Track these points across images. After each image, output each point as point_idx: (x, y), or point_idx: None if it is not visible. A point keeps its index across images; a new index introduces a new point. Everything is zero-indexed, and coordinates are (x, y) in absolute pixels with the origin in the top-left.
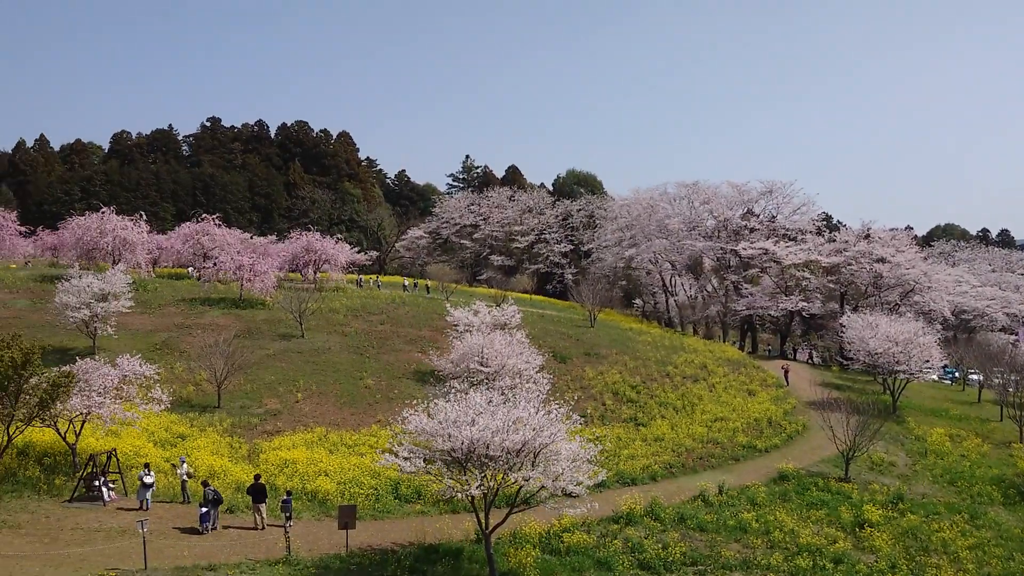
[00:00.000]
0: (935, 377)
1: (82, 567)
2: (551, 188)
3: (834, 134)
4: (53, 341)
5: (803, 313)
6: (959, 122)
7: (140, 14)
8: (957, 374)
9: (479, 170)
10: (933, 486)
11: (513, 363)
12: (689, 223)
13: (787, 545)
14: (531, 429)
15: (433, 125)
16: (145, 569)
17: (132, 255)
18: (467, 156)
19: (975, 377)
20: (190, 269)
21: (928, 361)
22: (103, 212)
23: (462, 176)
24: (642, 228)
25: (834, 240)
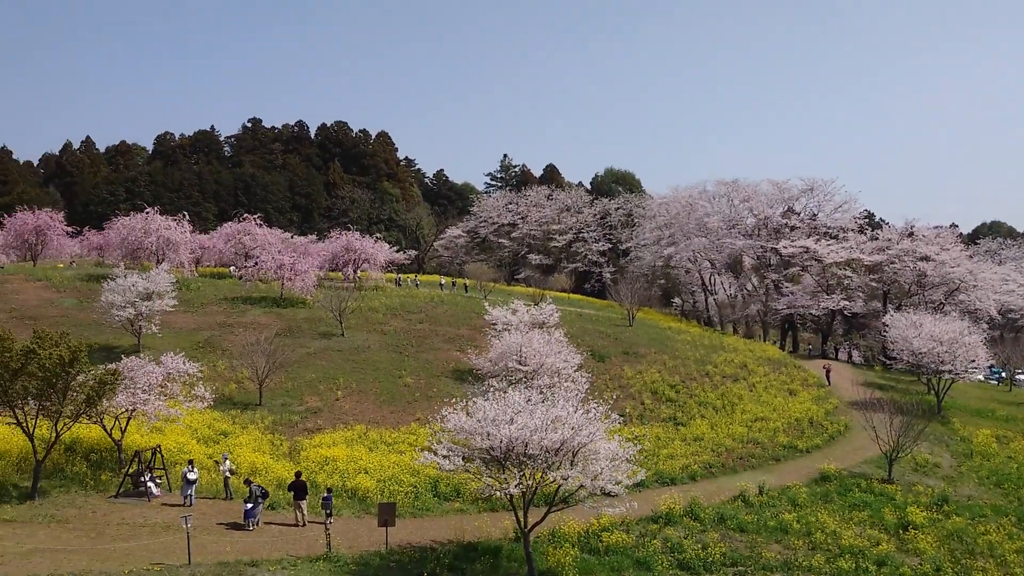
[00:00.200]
0: (981, 377)
1: (127, 561)
2: (589, 187)
3: (876, 131)
4: (99, 339)
5: (845, 312)
6: (1004, 117)
7: (183, 17)
8: (1004, 374)
9: (517, 169)
10: (979, 488)
11: (551, 362)
12: (729, 221)
13: (829, 547)
14: (570, 428)
15: (471, 124)
16: (189, 564)
17: (175, 255)
18: (505, 155)
19: (1023, 377)
20: (232, 268)
21: (974, 361)
22: (147, 212)
23: (500, 175)
24: (681, 226)
25: (876, 238)
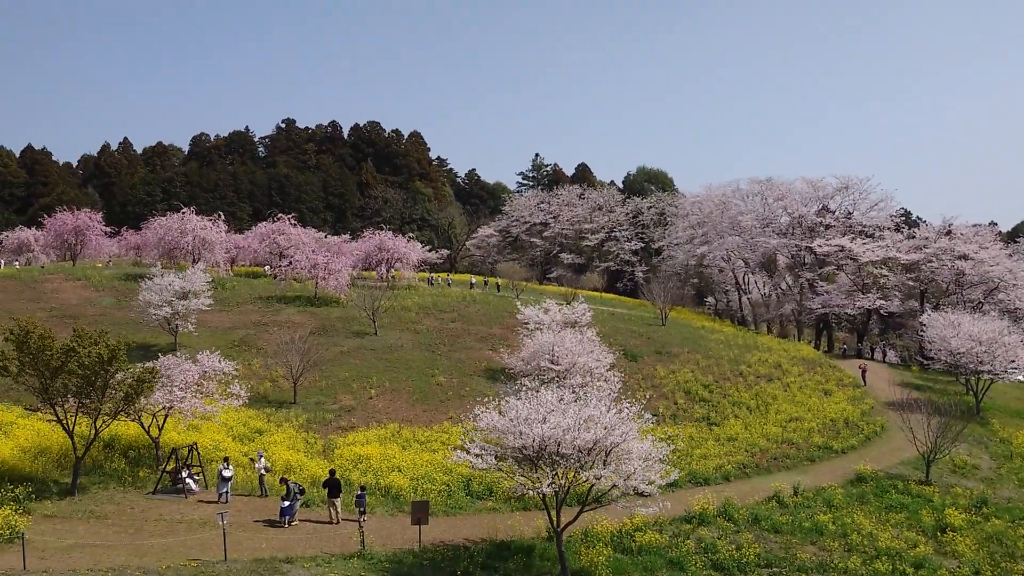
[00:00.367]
0: (1021, 378)
1: (165, 557)
2: (621, 186)
3: (914, 129)
4: (137, 338)
5: (881, 311)
6: None
7: (219, 20)
8: None
9: (549, 168)
10: (1019, 490)
11: (584, 361)
12: (762, 220)
13: (865, 548)
14: (602, 427)
15: (503, 124)
16: (225, 560)
17: (211, 254)
18: (537, 154)
19: None
20: (266, 268)
21: (1014, 361)
22: (183, 212)
23: (532, 174)
24: (714, 225)
25: (913, 237)
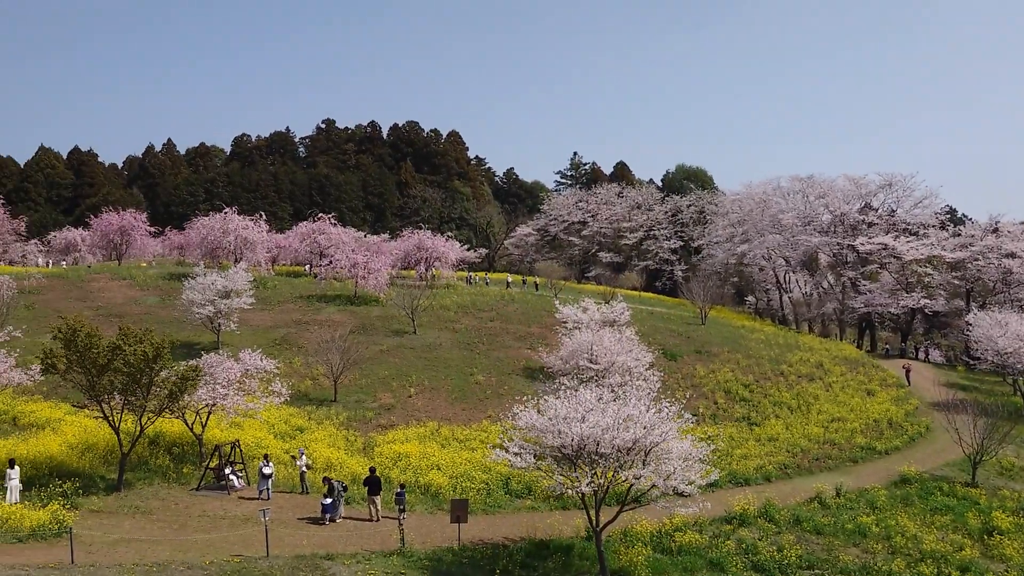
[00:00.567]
0: None
1: (208, 552)
2: (660, 184)
3: (959, 127)
4: (180, 336)
5: (925, 311)
6: None
7: (260, 24)
8: None
9: (587, 167)
10: None
11: (622, 360)
12: (804, 218)
13: (909, 551)
14: (641, 427)
15: (541, 123)
16: (267, 556)
17: (253, 254)
18: (575, 153)
19: None
20: (307, 267)
21: None
22: (225, 212)
23: (570, 173)
24: (754, 223)
25: (959, 234)
